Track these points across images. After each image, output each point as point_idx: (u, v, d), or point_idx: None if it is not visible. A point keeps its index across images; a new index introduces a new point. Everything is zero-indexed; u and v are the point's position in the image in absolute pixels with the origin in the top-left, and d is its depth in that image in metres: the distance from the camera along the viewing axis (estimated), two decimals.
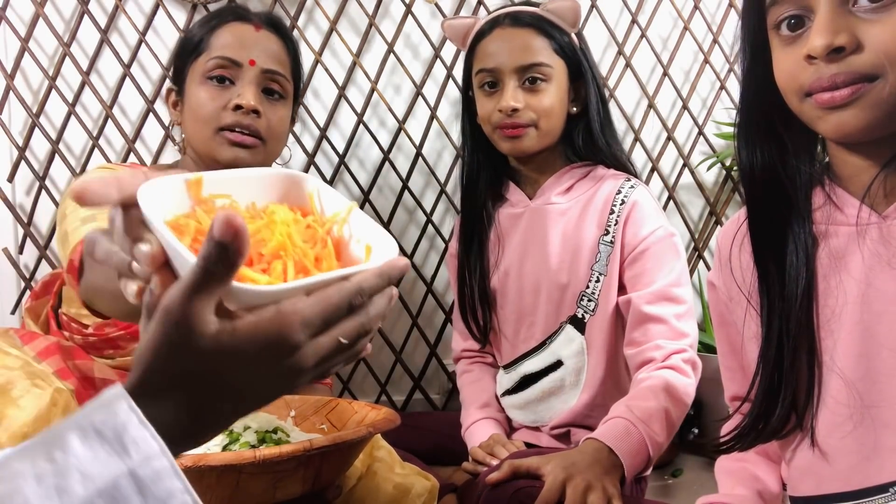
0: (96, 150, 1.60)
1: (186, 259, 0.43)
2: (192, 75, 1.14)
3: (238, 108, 1.09)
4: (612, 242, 1.14)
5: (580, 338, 1.16)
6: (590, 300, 1.15)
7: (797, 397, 0.72)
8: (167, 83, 1.22)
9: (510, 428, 1.26)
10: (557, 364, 1.18)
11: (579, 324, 1.17)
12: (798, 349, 0.71)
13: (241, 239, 0.40)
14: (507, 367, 1.24)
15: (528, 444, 1.18)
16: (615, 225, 1.14)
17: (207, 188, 0.54)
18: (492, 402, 1.26)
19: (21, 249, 1.59)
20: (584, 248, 1.16)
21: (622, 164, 1.21)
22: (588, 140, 1.19)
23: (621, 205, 1.14)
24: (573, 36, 1.17)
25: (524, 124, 1.14)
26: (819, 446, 0.71)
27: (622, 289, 1.15)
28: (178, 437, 0.42)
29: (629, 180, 1.17)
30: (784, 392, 0.72)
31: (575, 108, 1.18)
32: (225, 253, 0.40)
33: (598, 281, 1.15)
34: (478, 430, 1.21)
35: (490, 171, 1.26)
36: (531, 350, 1.21)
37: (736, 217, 0.81)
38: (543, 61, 1.13)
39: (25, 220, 1.57)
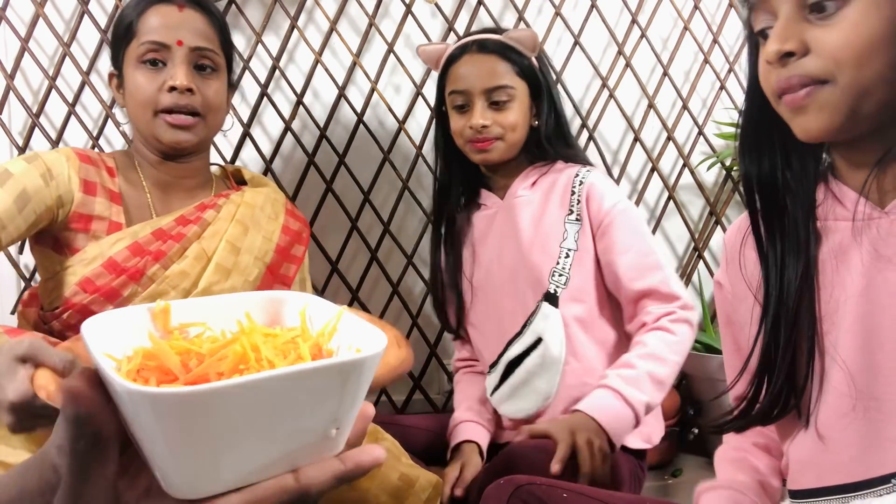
0: (96, 149, 1.60)
1: (120, 386, 0.37)
2: (127, 60, 1.17)
3: (172, 89, 1.13)
4: (578, 220, 1.25)
5: (555, 312, 1.23)
6: (561, 275, 1.24)
7: (795, 385, 0.73)
8: (109, 67, 1.24)
9: (501, 430, 1.30)
10: (538, 342, 1.24)
11: (553, 299, 1.23)
12: (796, 338, 0.72)
13: (88, 402, 0.36)
14: (494, 364, 1.29)
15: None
16: (578, 203, 1.25)
17: (177, 317, 0.49)
18: (475, 406, 1.31)
19: (21, 249, 1.59)
20: (551, 229, 1.25)
21: (580, 161, 1.32)
22: (542, 148, 1.31)
23: (580, 185, 1.25)
24: (533, 59, 1.28)
25: (492, 138, 1.26)
26: (821, 437, 0.72)
27: (599, 260, 1.24)
28: None
29: (585, 167, 1.29)
30: (777, 374, 0.73)
31: (536, 122, 1.30)
32: (80, 426, 0.37)
33: (567, 256, 1.24)
34: (459, 431, 1.27)
35: (462, 180, 1.37)
36: (515, 336, 1.26)
37: (744, 215, 0.82)
38: (507, 83, 1.26)
39: None
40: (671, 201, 1.80)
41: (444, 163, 1.38)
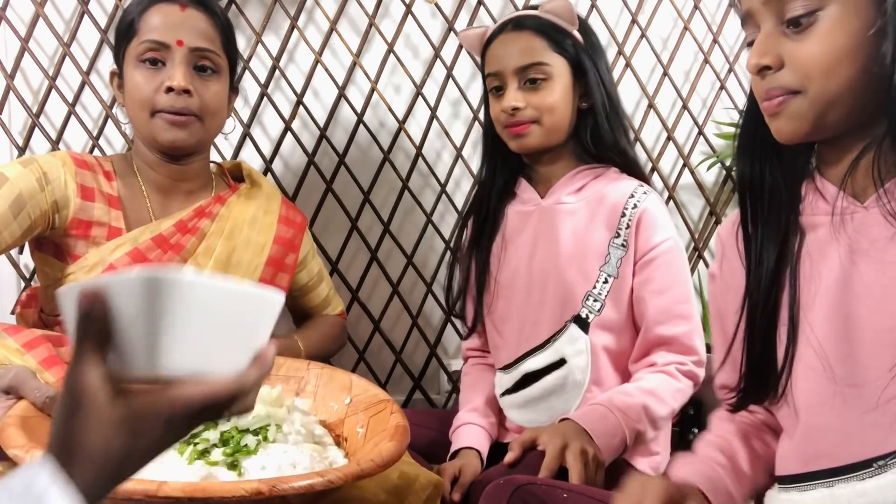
0: (96, 149, 1.60)
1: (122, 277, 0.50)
2: (127, 59, 1.16)
3: (170, 89, 1.12)
4: (624, 245, 1.16)
5: (584, 337, 1.17)
6: (595, 300, 1.17)
7: (775, 371, 0.76)
8: (111, 65, 1.23)
9: (505, 430, 1.27)
10: (561, 362, 1.18)
11: (583, 324, 1.17)
12: (772, 325, 0.77)
13: (101, 303, 0.50)
14: (508, 367, 1.24)
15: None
16: (626, 228, 1.16)
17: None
18: (480, 408, 1.27)
19: (21, 249, 1.58)
20: (592, 249, 1.17)
21: (630, 166, 1.22)
22: (596, 134, 1.20)
23: (633, 209, 1.16)
24: (576, 34, 1.19)
25: (526, 121, 1.17)
26: (805, 424, 0.74)
27: (632, 291, 1.17)
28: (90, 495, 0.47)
29: (642, 185, 1.19)
30: (751, 357, 0.79)
31: (584, 104, 1.20)
32: (89, 321, 0.50)
33: (605, 282, 1.17)
34: (461, 434, 1.23)
35: (505, 172, 1.28)
36: (535, 348, 1.21)
37: (738, 210, 0.85)
38: (541, 60, 1.16)
39: None
40: (671, 201, 1.80)
41: (490, 153, 1.29)
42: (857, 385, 0.70)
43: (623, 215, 1.16)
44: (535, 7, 1.22)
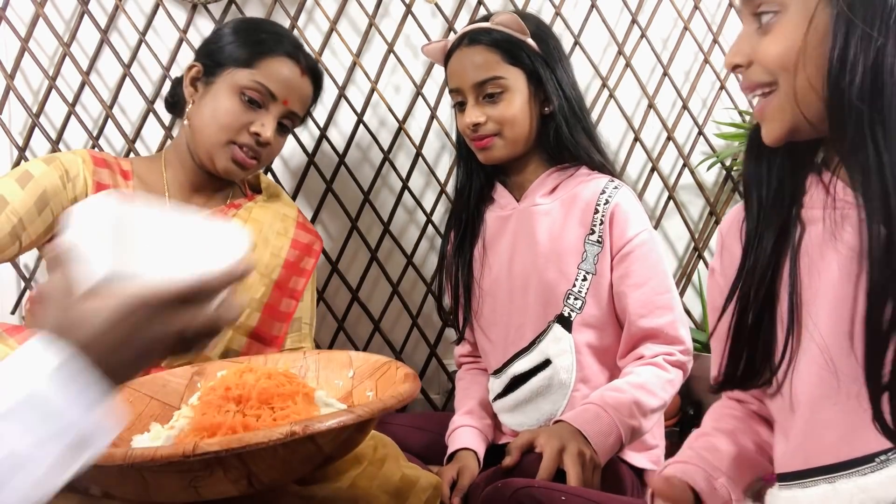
0: (96, 150, 1.60)
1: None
2: (226, 78, 1.19)
3: (256, 135, 1.18)
4: (599, 242, 1.17)
5: (568, 336, 1.18)
6: (576, 298, 1.18)
7: (772, 360, 0.77)
8: (192, 60, 1.25)
9: (500, 433, 1.27)
10: (546, 363, 1.19)
11: (566, 322, 1.18)
12: (767, 312, 0.77)
13: None
14: (498, 371, 1.25)
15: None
16: (600, 224, 1.17)
17: None
18: (475, 410, 1.27)
19: None
20: (569, 247, 1.19)
21: (598, 164, 1.23)
22: (557, 139, 1.21)
23: (605, 204, 1.17)
24: (530, 42, 1.20)
25: (488, 135, 1.20)
26: (807, 421, 0.74)
27: (612, 286, 1.19)
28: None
29: (613, 181, 1.20)
30: (740, 341, 0.79)
31: (547, 109, 1.21)
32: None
33: (584, 280, 1.18)
34: (457, 436, 1.23)
35: (481, 177, 1.30)
36: (521, 351, 1.22)
37: (739, 205, 0.85)
38: (497, 75, 1.18)
39: None
40: (671, 201, 1.80)
41: (464, 161, 1.32)
42: (860, 380, 0.70)
43: (596, 212, 1.17)
44: (487, 18, 1.23)
